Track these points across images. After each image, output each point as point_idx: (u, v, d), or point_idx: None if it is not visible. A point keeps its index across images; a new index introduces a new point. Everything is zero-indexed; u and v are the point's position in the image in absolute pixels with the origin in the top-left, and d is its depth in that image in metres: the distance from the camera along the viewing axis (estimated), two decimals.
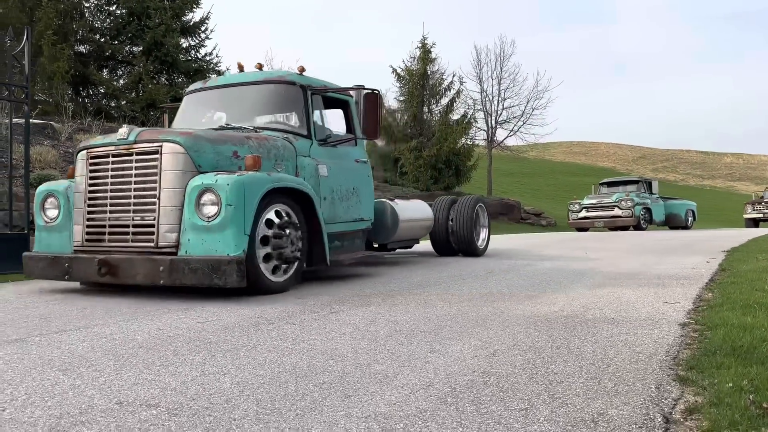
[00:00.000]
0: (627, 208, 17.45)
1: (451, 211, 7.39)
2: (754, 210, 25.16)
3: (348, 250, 5.57)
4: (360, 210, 5.72)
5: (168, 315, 3.49)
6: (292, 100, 5.31)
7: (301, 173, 4.92)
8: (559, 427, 1.75)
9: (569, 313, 3.54)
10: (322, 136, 5.34)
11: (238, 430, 1.70)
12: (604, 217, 17.91)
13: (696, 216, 20.13)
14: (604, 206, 18.07)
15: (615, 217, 17.69)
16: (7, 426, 1.72)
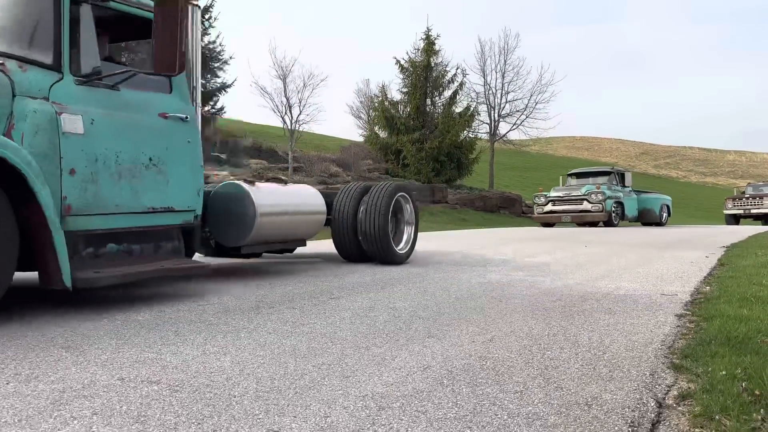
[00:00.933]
0: (597, 201, 15.28)
1: (361, 202, 5.40)
2: (735, 206, 24.04)
3: (141, 259, 3.51)
4: (167, 194, 3.66)
5: (170, 297, 3.52)
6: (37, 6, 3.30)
7: (18, 126, 2.92)
8: (554, 409, 1.78)
9: (567, 303, 3.57)
10: (87, 68, 3.26)
11: (238, 406, 1.73)
12: (571, 211, 15.67)
13: (671, 212, 18.15)
14: (572, 199, 15.79)
15: (584, 212, 15.49)
16: (12, 398, 1.76)
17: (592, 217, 15.32)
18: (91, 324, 2.75)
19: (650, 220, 17.26)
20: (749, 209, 23.85)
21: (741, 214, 23.91)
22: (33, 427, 1.55)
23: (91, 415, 1.64)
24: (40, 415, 1.64)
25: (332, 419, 1.65)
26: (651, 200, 17.66)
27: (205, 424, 1.60)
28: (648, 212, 17.24)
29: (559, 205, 15.93)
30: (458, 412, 1.72)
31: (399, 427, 1.61)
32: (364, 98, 33.23)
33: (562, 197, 16.06)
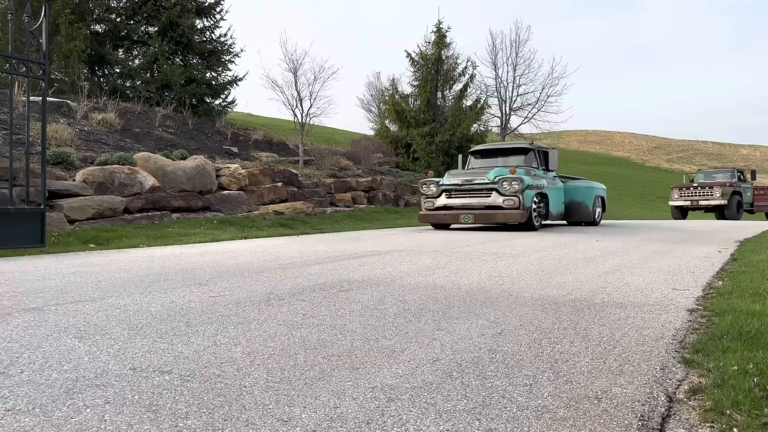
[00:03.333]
0: (511, 193, 10.15)
1: None
2: (682, 196, 20.91)
3: None
4: None
5: (181, 289, 3.55)
6: None
7: None
8: (563, 402, 1.78)
9: (578, 297, 3.56)
10: None
11: (249, 396, 1.75)
12: (473, 207, 10.47)
13: (606, 206, 13.45)
14: (475, 190, 10.59)
15: (492, 209, 10.30)
16: (26, 386, 1.78)
17: (504, 216, 10.07)
18: (104, 314, 2.78)
19: (580, 217, 12.23)
20: (697, 200, 20.70)
21: (689, 206, 20.99)
22: (47, 415, 1.57)
23: (104, 403, 1.66)
24: (54, 403, 1.66)
25: (342, 410, 1.66)
26: (581, 191, 12.38)
27: (216, 413, 1.61)
28: (577, 207, 12.17)
29: (457, 198, 10.68)
30: (467, 405, 1.72)
31: (408, 418, 1.61)
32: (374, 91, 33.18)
33: (461, 186, 10.66)
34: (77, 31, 15.47)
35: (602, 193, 13.27)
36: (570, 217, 12.32)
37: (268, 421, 1.57)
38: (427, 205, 11.01)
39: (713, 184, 20.70)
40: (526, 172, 10.67)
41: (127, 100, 15.69)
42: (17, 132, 8.35)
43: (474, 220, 10.25)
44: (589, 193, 12.52)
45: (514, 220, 10.00)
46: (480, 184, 10.45)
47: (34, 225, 5.94)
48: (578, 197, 12.25)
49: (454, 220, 10.54)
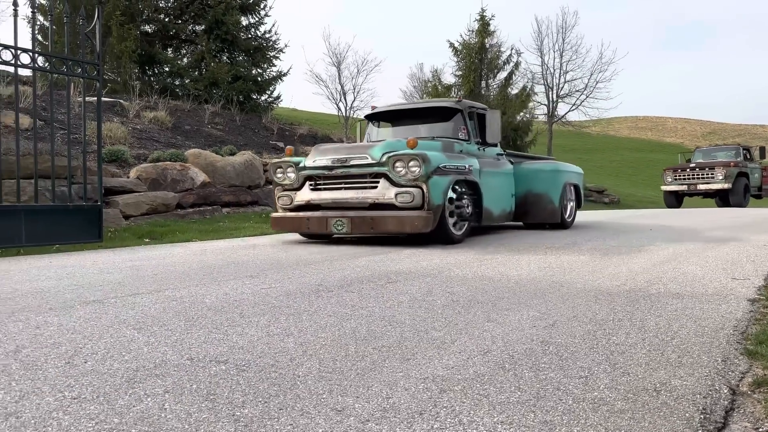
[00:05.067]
0: (408, 182, 5.76)
1: None
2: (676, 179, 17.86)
3: None
4: None
5: (233, 281, 3.63)
6: None
7: None
8: (620, 394, 1.74)
9: (632, 287, 3.47)
10: None
11: (303, 386, 1.77)
12: (350, 205, 6.05)
13: (582, 196, 9.03)
14: (353, 177, 6.12)
15: (378, 208, 5.91)
16: (90, 376, 1.85)
17: (397, 222, 5.74)
18: (161, 306, 2.86)
19: (541, 217, 7.90)
20: (695, 184, 17.42)
21: (684, 192, 17.89)
22: (110, 404, 1.63)
23: (163, 393, 1.71)
24: (116, 392, 1.72)
25: (394, 400, 1.67)
26: (542, 177, 7.92)
27: (272, 402, 1.64)
28: (536, 201, 7.81)
29: (326, 190, 6.31)
30: (521, 396, 1.70)
31: (461, 409, 1.60)
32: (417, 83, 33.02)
33: (332, 170, 6.22)
34: (128, 32, 15.93)
35: (576, 179, 8.58)
36: (526, 217, 7.86)
37: (322, 411, 1.59)
38: (282, 201, 6.49)
39: (714, 165, 17.36)
40: (443, 146, 6.33)
41: (177, 99, 16.09)
42: (73, 132, 8.67)
43: (351, 229, 5.83)
44: (554, 180, 7.86)
45: (413, 227, 5.57)
46: (360, 167, 5.95)
47: (92, 221, 6.16)
48: (537, 187, 7.73)
49: (321, 226, 6.06)
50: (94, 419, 1.52)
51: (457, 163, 6.13)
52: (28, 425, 1.48)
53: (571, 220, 8.45)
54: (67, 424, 1.49)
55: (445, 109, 7.25)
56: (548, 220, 7.90)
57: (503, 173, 7.35)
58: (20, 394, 1.69)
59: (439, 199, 5.73)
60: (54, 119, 7.50)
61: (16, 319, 2.60)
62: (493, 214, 6.91)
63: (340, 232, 5.92)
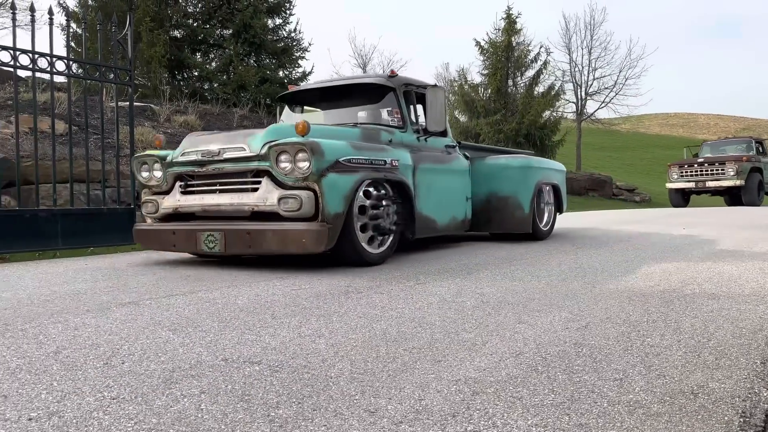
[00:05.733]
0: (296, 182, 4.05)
1: None
2: (683, 176, 16.32)
3: None
4: None
5: (264, 282, 3.67)
6: None
7: None
8: (656, 397, 1.71)
9: (666, 288, 3.41)
10: None
11: (335, 387, 1.78)
12: (225, 214, 4.38)
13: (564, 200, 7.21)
14: (228, 174, 4.37)
15: (259, 218, 4.23)
16: (127, 377, 1.89)
17: (279, 239, 4.03)
18: (194, 308, 2.91)
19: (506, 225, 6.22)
20: (704, 181, 15.85)
21: (692, 189, 16.37)
22: (148, 404, 1.66)
23: (200, 393, 1.74)
24: (154, 392, 1.75)
25: (426, 402, 1.67)
26: (508, 175, 6.23)
27: (305, 403, 1.66)
28: (500, 206, 6.18)
29: (198, 193, 4.59)
30: (555, 399, 1.69)
31: (495, 411, 1.60)
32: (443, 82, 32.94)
33: (203, 166, 4.45)
34: (157, 37, 16.22)
35: (555, 178, 6.89)
36: (489, 226, 6.22)
37: (355, 412, 1.60)
38: (147, 209, 4.91)
39: (725, 159, 15.81)
40: (362, 135, 4.86)
41: (206, 102, 16.32)
42: (107, 136, 8.85)
43: (224, 247, 4.27)
44: (523, 179, 6.20)
45: (300, 245, 4.00)
46: (236, 162, 4.35)
47: (126, 223, 6.29)
48: (503, 188, 6.12)
49: (190, 243, 4.52)
50: (133, 419, 1.55)
51: (371, 156, 4.41)
52: (70, 425, 1.52)
53: (548, 229, 6.70)
54: (108, 424, 1.52)
55: (373, 87, 5.50)
56: (516, 230, 6.13)
57: (454, 171, 5.62)
58: (62, 394, 1.74)
59: (338, 205, 4.05)
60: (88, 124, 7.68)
61: (55, 320, 2.67)
62: (436, 223, 5.29)
63: (212, 250, 4.25)
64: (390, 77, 5.48)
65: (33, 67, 5.72)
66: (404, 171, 4.79)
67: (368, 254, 4.41)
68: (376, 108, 5.53)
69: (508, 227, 6.16)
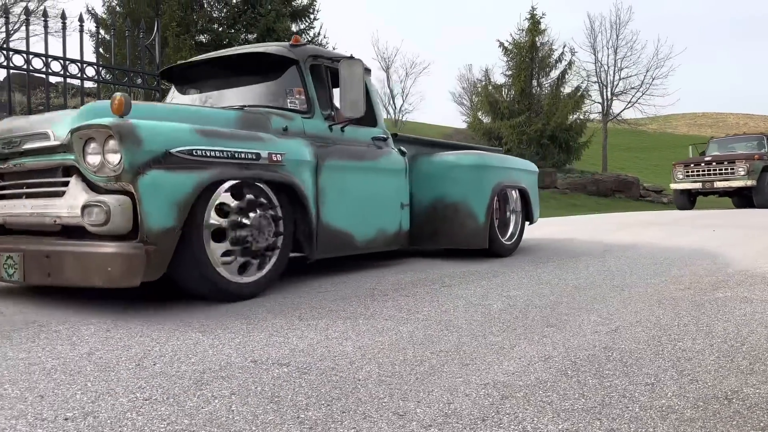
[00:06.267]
0: (110, 186, 2.84)
1: None
2: (689, 176, 14.91)
3: None
4: None
5: (290, 285, 3.69)
6: None
7: None
8: (689, 402, 1.68)
9: (697, 291, 3.35)
10: None
11: (363, 390, 1.79)
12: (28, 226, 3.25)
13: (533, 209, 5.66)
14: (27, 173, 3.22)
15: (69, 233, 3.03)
16: (159, 378, 1.92)
17: (79, 266, 2.82)
18: (223, 309, 2.95)
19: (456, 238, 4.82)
20: (712, 181, 14.45)
21: (699, 190, 15.00)
22: (180, 405, 1.68)
23: (230, 395, 1.76)
24: (185, 393, 1.78)
25: (455, 406, 1.66)
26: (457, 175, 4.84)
27: (334, 405, 1.67)
28: (448, 214, 4.77)
29: None
30: (585, 404, 1.67)
31: (524, 416, 1.59)
32: (466, 84, 32.88)
33: (4, 159, 3.29)
34: (183, 42, 16.46)
35: (521, 179, 5.57)
36: (435, 239, 4.90)
37: (384, 415, 1.60)
38: None
39: (735, 158, 14.44)
40: (241, 121, 3.63)
41: None
42: None
43: (23, 274, 3.03)
44: (477, 181, 4.93)
45: (106, 276, 2.74)
46: (37, 156, 3.19)
47: None
48: (451, 192, 4.86)
49: None
50: (165, 420, 1.58)
51: (234, 147, 3.21)
52: (105, 425, 1.55)
53: (514, 243, 5.33)
54: (141, 425, 1.55)
55: (271, 59, 4.14)
56: (468, 244, 4.83)
57: (382, 170, 4.37)
58: (96, 395, 1.77)
59: (167, 216, 2.83)
60: None
61: (87, 322, 2.72)
62: (353, 238, 4.04)
63: (11, 278, 3.09)
64: (292, 46, 4.12)
65: (64, 73, 5.85)
66: (296, 169, 3.56)
67: (230, 284, 3.14)
68: (275, 86, 4.16)
69: (458, 241, 4.83)
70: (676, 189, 15.39)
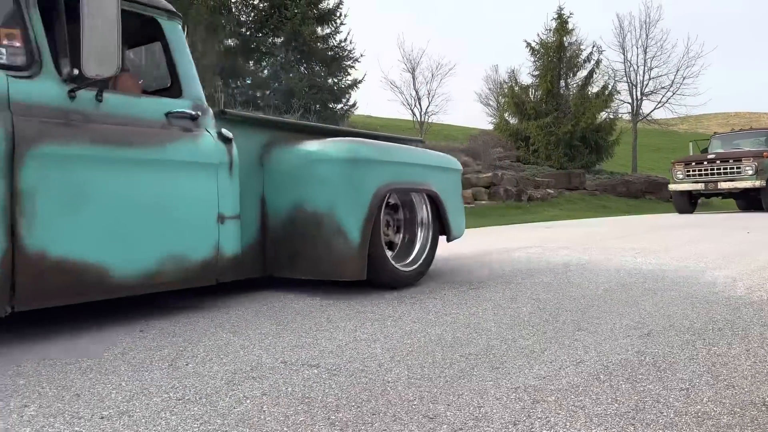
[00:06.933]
0: None
1: None
2: (690, 176, 13.38)
3: None
4: None
5: (320, 287, 3.71)
6: None
7: None
8: (726, 408, 1.65)
9: (731, 294, 3.28)
10: None
11: (393, 392, 1.79)
12: None
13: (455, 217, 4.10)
14: None
15: None
16: (192, 378, 1.95)
17: None
18: (253, 311, 2.98)
19: (319, 266, 3.26)
20: (716, 182, 12.97)
21: (701, 191, 13.46)
22: (212, 405, 1.71)
23: (261, 395, 1.78)
24: (217, 393, 1.80)
25: (486, 410, 1.65)
26: (321, 174, 3.29)
27: (364, 407, 1.67)
28: (309, 227, 3.28)
29: None
30: (619, 409, 1.65)
31: (556, 421, 1.57)
32: (492, 85, 32.71)
33: None
34: (211, 46, 16.69)
35: (425, 180, 3.83)
36: (294, 264, 3.37)
37: (414, 417, 1.60)
38: None
39: (741, 156, 12.85)
40: None
41: (259, 110, 16.68)
42: None
43: None
44: (347, 181, 3.31)
45: None
46: None
47: None
48: (311, 197, 3.32)
49: None
50: (198, 420, 1.60)
51: None
52: (139, 423, 1.58)
53: (415, 270, 3.79)
54: (175, 424, 1.57)
55: None
56: (335, 273, 3.29)
57: (173, 163, 2.90)
58: (130, 394, 1.80)
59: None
60: None
61: (118, 323, 2.77)
62: (107, 275, 2.59)
63: None
64: None
65: None
66: None
67: None
68: None
69: (323, 269, 3.27)
70: (676, 190, 13.80)
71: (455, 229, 4.20)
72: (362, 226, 3.28)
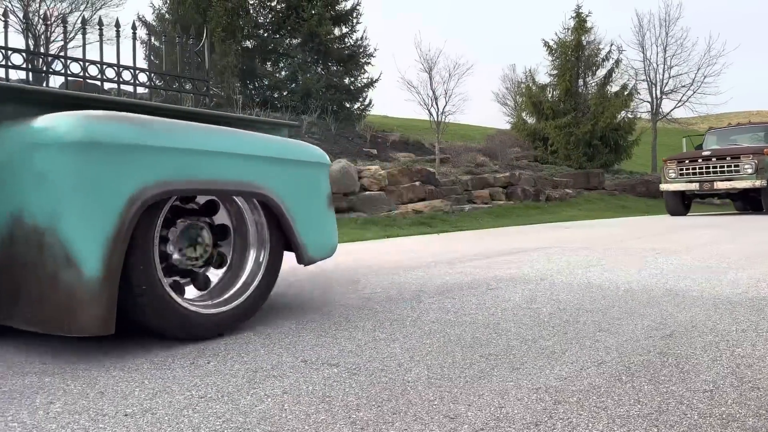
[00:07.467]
0: None
1: None
2: (684, 175, 12.22)
3: None
4: None
5: (337, 287, 3.73)
6: None
7: None
8: (751, 411, 1.63)
9: (754, 295, 3.23)
10: None
11: (413, 392, 1.79)
12: None
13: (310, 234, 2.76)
14: None
15: None
16: (213, 376, 1.97)
17: None
18: (273, 311, 3.00)
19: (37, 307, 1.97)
20: (711, 181, 11.89)
21: (695, 192, 12.28)
22: (234, 403, 1.72)
23: (282, 393, 1.79)
24: (239, 392, 1.81)
25: (507, 410, 1.65)
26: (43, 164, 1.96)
27: (385, 406, 1.67)
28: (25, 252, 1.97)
29: None
30: (641, 410, 1.63)
31: (578, 422, 1.56)
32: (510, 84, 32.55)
33: None
34: (229, 47, 16.81)
35: (251, 178, 2.46)
36: (11, 309, 2.04)
37: (435, 417, 1.60)
38: None
39: (739, 153, 11.74)
40: None
41: (276, 110, 16.77)
42: None
43: None
44: (87, 182, 1.97)
45: None
46: None
47: None
48: (32, 205, 1.99)
49: None
50: (221, 417, 1.61)
51: None
52: (163, 421, 1.60)
53: (230, 311, 2.54)
54: (197, 422, 1.59)
55: None
56: (61, 325, 1.99)
57: None
58: (153, 392, 1.82)
59: None
60: None
61: None
62: None
63: None
64: None
65: (118, 79, 6.04)
66: None
67: None
68: None
69: (46, 316, 2.02)
70: (668, 190, 12.57)
71: (312, 247, 2.85)
72: (106, 252, 2.02)
